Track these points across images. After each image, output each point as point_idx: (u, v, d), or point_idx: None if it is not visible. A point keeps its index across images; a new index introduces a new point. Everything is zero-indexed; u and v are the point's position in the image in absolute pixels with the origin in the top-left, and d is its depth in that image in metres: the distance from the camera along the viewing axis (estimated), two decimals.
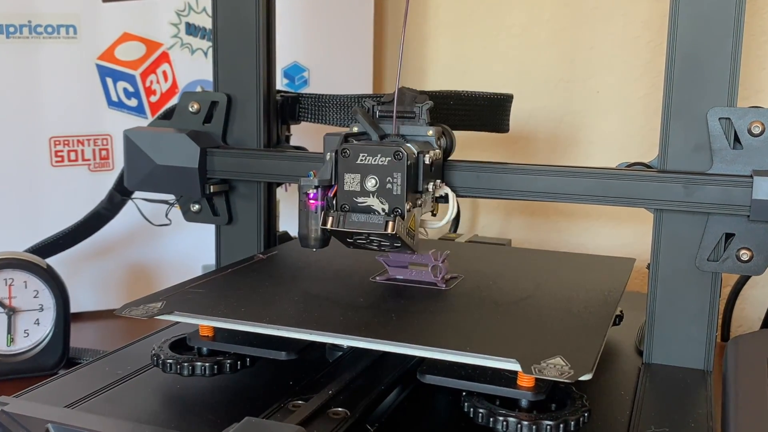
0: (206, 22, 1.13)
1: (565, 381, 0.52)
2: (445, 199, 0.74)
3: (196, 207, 0.90)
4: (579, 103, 1.21)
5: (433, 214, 0.74)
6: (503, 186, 0.74)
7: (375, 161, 0.66)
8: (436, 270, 0.73)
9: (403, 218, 0.66)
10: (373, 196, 0.66)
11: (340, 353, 0.70)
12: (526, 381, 0.56)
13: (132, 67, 1.12)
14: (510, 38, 1.24)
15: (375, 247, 0.69)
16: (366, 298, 0.69)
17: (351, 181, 0.67)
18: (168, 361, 0.64)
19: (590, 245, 1.22)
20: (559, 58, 1.21)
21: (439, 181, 0.73)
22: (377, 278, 0.74)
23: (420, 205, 0.69)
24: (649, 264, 0.73)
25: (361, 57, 1.24)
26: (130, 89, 1.12)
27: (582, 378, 0.52)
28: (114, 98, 1.12)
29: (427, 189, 0.70)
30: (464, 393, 0.58)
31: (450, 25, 1.27)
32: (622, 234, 1.20)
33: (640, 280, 1.10)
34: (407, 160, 0.66)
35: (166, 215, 0.92)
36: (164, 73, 1.14)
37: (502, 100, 0.91)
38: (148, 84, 1.13)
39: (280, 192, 0.94)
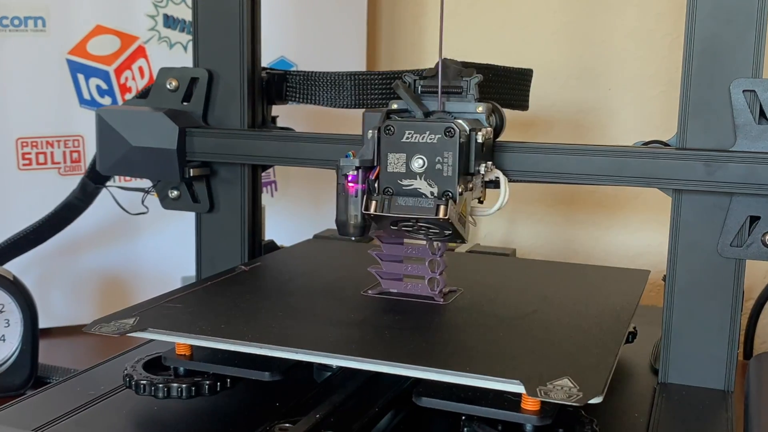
0: (186, 14, 1.13)
1: (574, 404, 0.51)
2: (494, 184, 0.72)
3: (175, 193, 0.89)
4: (589, 101, 1.21)
5: (480, 202, 0.73)
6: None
7: (423, 139, 0.65)
8: (433, 283, 0.72)
9: (455, 202, 0.65)
10: (421, 178, 0.65)
11: (329, 374, 0.70)
12: (530, 404, 0.56)
13: (106, 62, 1.12)
14: (514, 31, 1.24)
15: (422, 235, 0.68)
16: (357, 313, 0.68)
17: (395, 162, 0.66)
18: (141, 382, 0.64)
19: (601, 256, 1.22)
20: (567, 53, 1.21)
21: (490, 163, 0.71)
22: (369, 292, 0.74)
23: (471, 189, 0.68)
24: (665, 276, 0.73)
25: (354, 52, 1.24)
26: (104, 86, 1.12)
27: (592, 401, 0.52)
28: (86, 96, 1.12)
29: (479, 171, 0.68)
30: (464, 417, 0.58)
31: (449, 17, 1.27)
32: (636, 244, 1.20)
33: (655, 293, 1.10)
34: (459, 138, 0.65)
35: (143, 202, 0.91)
36: (140, 68, 1.14)
37: (528, 75, 0.91)
38: (123, 81, 1.13)
39: (266, 198, 0.94)
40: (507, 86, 0.87)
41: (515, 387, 0.53)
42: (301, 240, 0.99)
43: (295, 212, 1.22)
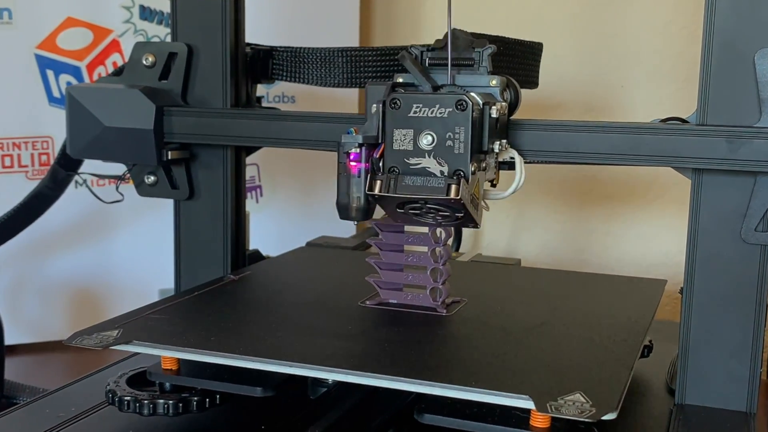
0: (163, 5, 1.14)
1: (586, 420, 0.52)
2: (508, 165, 0.72)
3: (152, 179, 0.88)
4: (600, 100, 1.21)
5: (493, 184, 0.72)
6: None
7: (432, 113, 0.65)
8: (435, 293, 0.73)
9: (467, 182, 0.64)
10: (430, 156, 0.65)
11: (325, 389, 0.70)
12: (540, 421, 0.57)
13: (77, 57, 1.12)
14: (519, 24, 1.25)
15: (431, 219, 0.68)
16: (354, 325, 0.69)
17: (402, 139, 0.65)
18: (125, 398, 0.64)
19: (614, 267, 1.23)
20: (576, 48, 1.22)
21: (504, 141, 0.70)
22: (367, 302, 0.75)
23: (484, 169, 0.68)
24: (682, 288, 0.73)
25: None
26: (75, 83, 1.12)
27: (605, 417, 0.52)
28: (56, 94, 1.12)
29: (492, 150, 0.68)
30: None
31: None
32: (652, 254, 1.21)
33: (671, 307, 1.10)
34: (472, 112, 0.64)
35: (117, 188, 0.90)
36: (114, 64, 1.14)
37: (538, 49, 0.90)
38: (95, 77, 1.13)
39: (250, 204, 0.94)
40: (516, 60, 0.87)
41: (524, 402, 0.54)
42: (289, 250, 1.00)
43: (282, 220, 1.22)
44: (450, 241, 0.76)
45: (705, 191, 0.71)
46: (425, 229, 0.73)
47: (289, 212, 1.23)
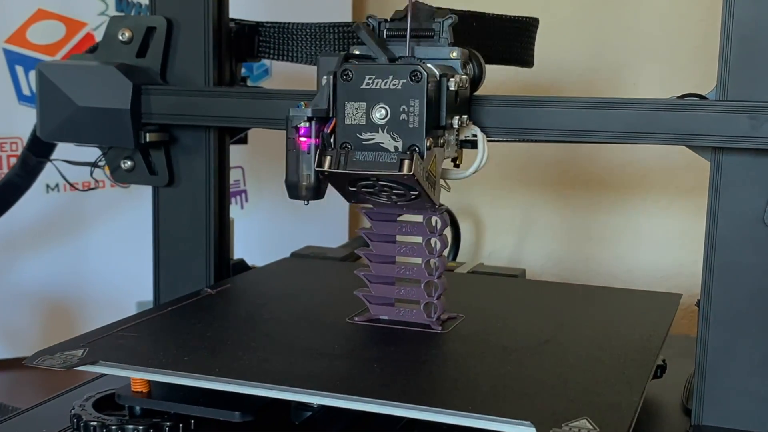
0: None
1: None
2: (471, 144, 0.72)
3: (128, 164, 0.87)
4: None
5: (456, 165, 0.72)
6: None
7: (386, 85, 0.65)
8: (430, 308, 0.73)
9: (422, 158, 0.64)
10: (383, 131, 0.65)
11: (309, 414, 0.69)
12: None
13: (49, 52, 1.12)
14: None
15: (384, 198, 0.68)
16: (342, 343, 0.69)
17: (354, 112, 0.65)
18: (92, 423, 0.63)
19: (625, 278, 1.23)
20: (585, 42, 1.22)
21: (465, 117, 0.70)
22: (356, 319, 0.74)
23: (442, 145, 0.68)
24: (698, 300, 0.72)
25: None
26: None
27: None
28: (26, 92, 1.12)
29: (451, 125, 0.68)
30: None
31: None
32: (666, 264, 1.21)
33: (687, 320, 1.10)
34: (427, 83, 0.64)
35: (91, 174, 0.90)
36: None
37: (530, 25, 0.89)
38: None
39: (235, 210, 0.93)
40: (501, 38, 0.86)
41: (525, 429, 0.54)
42: (277, 259, 1.00)
43: (270, 227, 1.22)
44: (445, 251, 0.76)
45: (725, 174, 0.70)
46: (419, 239, 0.72)
47: (276, 219, 1.23)
